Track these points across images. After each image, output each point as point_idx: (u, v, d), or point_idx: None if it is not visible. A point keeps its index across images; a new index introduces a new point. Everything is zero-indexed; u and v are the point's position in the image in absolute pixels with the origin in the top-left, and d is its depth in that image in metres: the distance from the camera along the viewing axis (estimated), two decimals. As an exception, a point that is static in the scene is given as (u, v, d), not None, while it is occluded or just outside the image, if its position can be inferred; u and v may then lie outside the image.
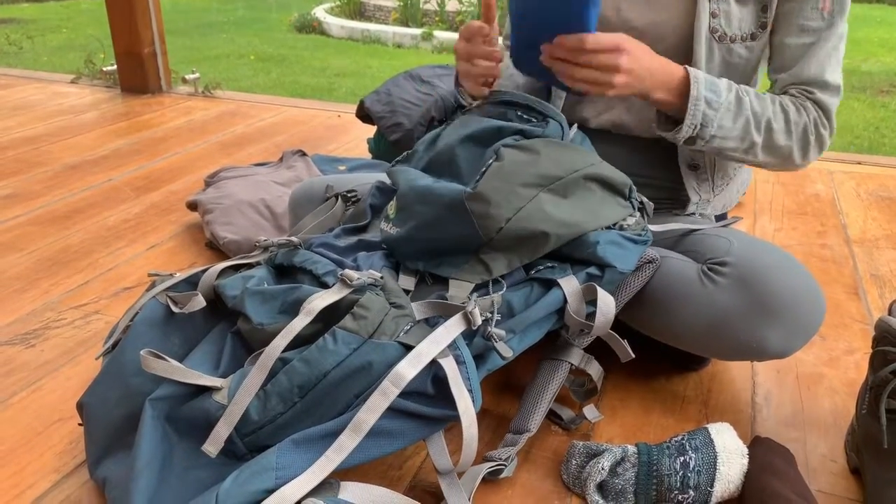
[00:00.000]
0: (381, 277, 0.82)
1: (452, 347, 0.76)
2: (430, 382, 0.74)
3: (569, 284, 0.82)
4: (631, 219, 0.88)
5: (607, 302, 0.81)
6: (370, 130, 1.90)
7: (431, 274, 0.88)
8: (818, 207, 1.63)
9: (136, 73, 2.46)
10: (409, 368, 0.73)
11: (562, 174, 0.83)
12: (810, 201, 1.67)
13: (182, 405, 0.78)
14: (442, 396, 0.74)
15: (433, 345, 0.75)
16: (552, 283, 0.83)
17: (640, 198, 0.91)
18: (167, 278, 1.02)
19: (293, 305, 0.82)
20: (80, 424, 0.86)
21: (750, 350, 0.85)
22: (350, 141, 2.05)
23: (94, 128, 2.14)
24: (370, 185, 1.05)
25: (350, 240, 0.97)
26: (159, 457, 0.75)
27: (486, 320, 0.78)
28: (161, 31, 2.45)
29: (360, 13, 6.74)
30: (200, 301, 0.86)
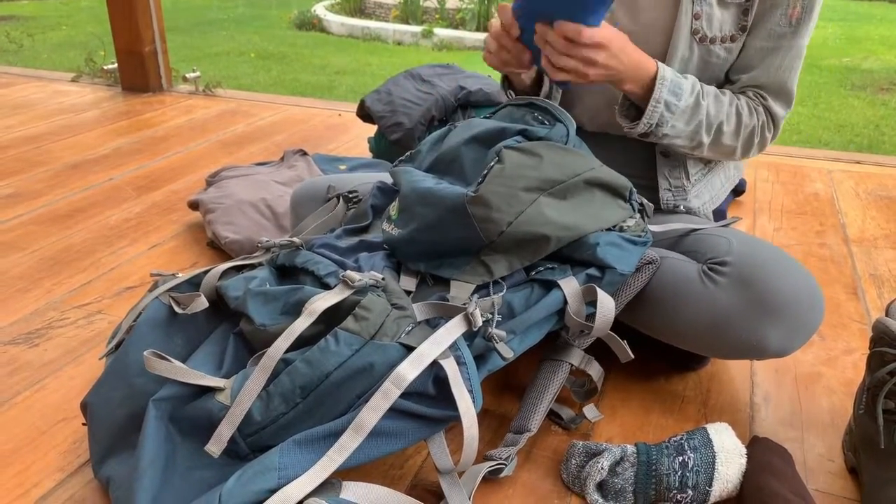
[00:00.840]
0: (383, 279, 0.83)
1: (453, 348, 0.77)
2: (432, 383, 0.75)
3: (569, 286, 0.83)
4: (631, 220, 0.89)
5: (607, 303, 0.82)
6: (370, 129, 1.91)
7: (432, 275, 0.88)
8: (817, 207, 1.64)
9: (137, 72, 2.47)
10: (411, 369, 0.74)
11: (563, 178, 0.83)
12: (809, 200, 1.67)
13: (185, 405, 0.79)
14: (443, 397, 0.75)
15: (434, 346, 0.75)
16: (552, 285, 0.83)
17: (641, 199, 0.92)
18: (169, 278, 1.02)
19: (295, 306, 0.82)
20: (84, 424, 0.87)
21: (750, 349, 0.86)
22: (350, 140, 2.06)
23: (95, 126, 2.15)
24: (371, 186, 1.06)
25: (351, 240, 0.97)
26: (162, 457, 0.75)
27: (487, 321, 0.79)
28: (162, 30, 2.45)
29: (361, 10, 6.73)
30: (203, 302, 0.87)
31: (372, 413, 0.72)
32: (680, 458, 0.77)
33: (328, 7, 6.74)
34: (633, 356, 0.86)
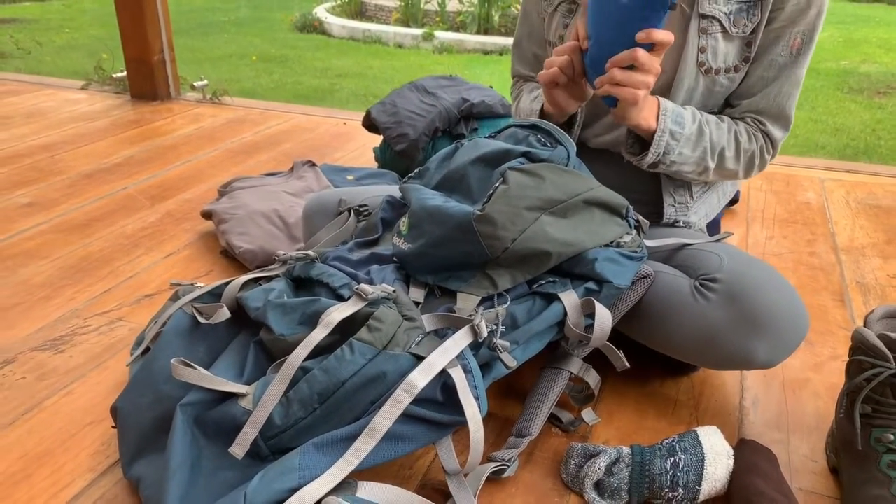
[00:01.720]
0: (394, 291, 0.88)
1: (460, 358, 0.82)
2: (440, 390, 0.80)
3: (568, 298, 0.88)
4: (627, 236, 0.94)
5: (604, 315, 0.88)
6: (373, 138, 1.96)
7: (440, 287, 0.94)
8: (808, 216, 1.69)
9: (146, 81, 2.52)
10: (421, 377, 0.79)
11: (564, 198, 0.89)
12: (801, 210, 1.73)
13: (209, 410, 0.84)
14: (451, 403, 0.80)
15: (442, 355, 0.81)
16: (553, 297, 0.89)
17: (636, 216, 0.98)
18: (189, 288, 1.08)
19: (312, 317, 0.88)
20: (114, 427, 0.92)
21: (738, 361, 0.92)
22: (356, 149, 2.11)
23: (107, 135, 2.20)
24: (381, 200, 1.11)
25: (363, 253, 1.03)
26: (190, 459, 0.81)
27: (492, 332, 0.84)
28: (170, 39, 2.51)
29: (361, 13, 6.78)
30: (225, 313, 0.93)
31: (385, 418, 0.78)
32: (671, 459, 0.83)
33: (329, 9, 6.79)
34: (629, 365, 0.91)
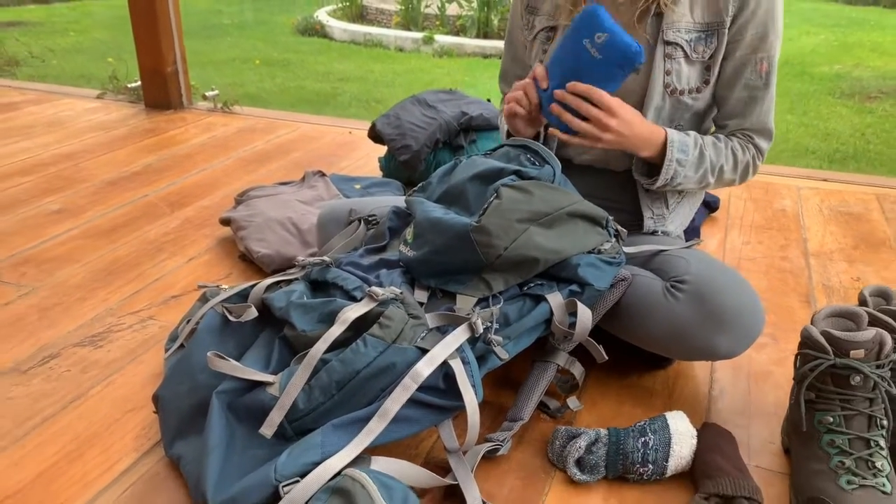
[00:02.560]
0: (401, 293, 1.01)
1: (459, 351, 0.94)
2: (442, 379, 0.92)
3: (554, 299, 1.01)
4: (607, 244, 1.07)
5: (586, 314, 1.00)
6: (377, 147, 2.08)
7: (441, 289, 1.06)
8: (784, 223, 1.82)
9: (160, 90, 2.65)
10: (425, 368, 0.91)
11: (550, 211, 1.01)
12: (777, 217, 1.85)
13: (241, 397, 0.97)
14: (451, 390, 0.93)
15: (444, 349, 0.93)
16: (541, 298, 1.01)
17: (616, 226, 1.10)
18: (216, 290, 1.20)
19: (329, 316, 1.00)
20: (155, 412, 1.05)
21: (703, 353, 1.04)
22: (361, 157, 2.23)
23: (126, 144, 2.33)
24: (387, 210, 1.24)
25: (372, 259, 1.15)
26: (225, 439, 0.93)
27: (487, 328, 0.97)
28: (182, 51, 2.63)
29: (362, 16, 6.89)
30: (253, 312, 1.05)
31: (394, 403, 0.90)
32: (642, 439, 0.96)
33: (331, 13, 6.88)
34: (607, 357, 1.04)
